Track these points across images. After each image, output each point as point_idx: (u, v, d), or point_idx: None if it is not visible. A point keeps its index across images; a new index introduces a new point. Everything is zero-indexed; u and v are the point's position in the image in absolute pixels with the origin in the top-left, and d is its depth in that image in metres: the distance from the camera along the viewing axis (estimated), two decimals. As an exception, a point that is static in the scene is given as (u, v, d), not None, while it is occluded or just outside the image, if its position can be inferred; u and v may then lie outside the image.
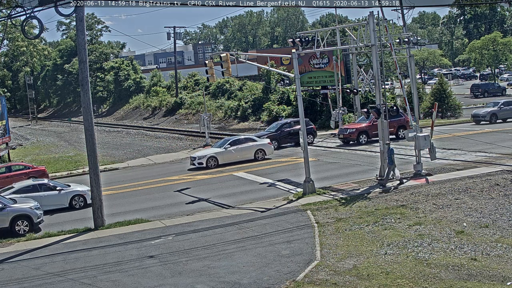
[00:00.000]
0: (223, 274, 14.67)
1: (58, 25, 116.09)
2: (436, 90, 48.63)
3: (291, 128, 37.69)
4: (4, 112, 40.51)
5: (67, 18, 50.60)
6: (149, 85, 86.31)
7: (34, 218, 20.84)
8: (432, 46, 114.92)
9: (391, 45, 25.51)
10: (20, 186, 24.05)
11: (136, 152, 42.89)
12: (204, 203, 23.41)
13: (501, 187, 21.11)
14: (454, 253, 14.94)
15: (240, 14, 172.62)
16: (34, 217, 20.83)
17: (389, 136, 24.58)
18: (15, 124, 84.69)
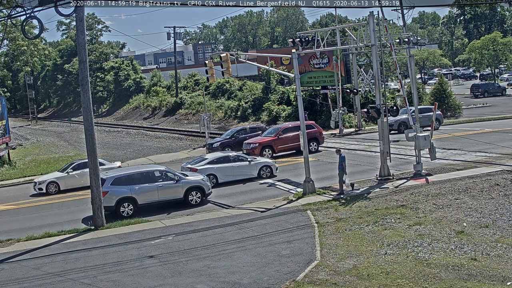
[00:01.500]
0: (223, 274, 14.67)
1: (58, 25, 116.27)
2: (436, 90, 48.63)
3: (247, 134, 36.01)
4: (4, 112, 40.52)
5: (67, 18, 50.62)
6: (149, 85, 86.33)
7: (206, 189, 23.37)
8: (432, 46, 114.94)
9: (391, 45, 25.51)
10: (213, 157, 27.12)
11: (136, 152, 42.91)
12: (204, 203, 23.40)
13: (501, 187, 21.12)
14: (454, 253, 14.94)
15: (240, 14, 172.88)
16: (206, 188, 23.36)
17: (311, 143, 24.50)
18: (15, 124, 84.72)
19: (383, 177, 24.13)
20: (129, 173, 23.06)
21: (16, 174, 35.27)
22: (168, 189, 22.78)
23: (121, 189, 22.12)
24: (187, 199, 22.94)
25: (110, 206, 21.85)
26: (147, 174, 23.07)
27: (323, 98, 45.92)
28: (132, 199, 22.18)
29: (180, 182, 22.90)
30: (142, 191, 22.38)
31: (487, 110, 52.26)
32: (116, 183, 22.21)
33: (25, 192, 29.49)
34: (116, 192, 22.00)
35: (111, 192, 21.88)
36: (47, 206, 25.53)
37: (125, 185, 22.26)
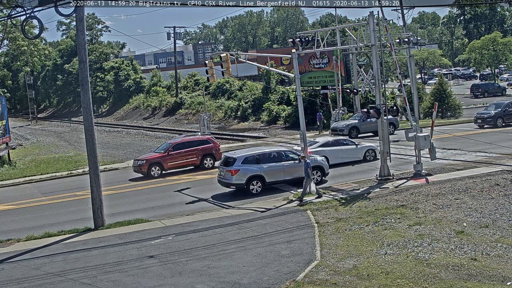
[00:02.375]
0: (223, 274, 14.67)
1: (58, 25, 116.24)
2: (436, 90, 48.64)
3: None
4: (4, 112, 40.52)
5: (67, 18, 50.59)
6: (149, 85, 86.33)
7: (326, 169, 25.18)
8: (432, 46, 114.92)
9: (391, 45, 25.53)
10: (324, 141, 29.11)
11: (136, 152, 42.86)
12: (204, 203, 23.41)
13: (501, 187, 21.12)
14: (454, 253, 14.94)
15: (240, 14, 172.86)
16: (325, 168, 25.17)
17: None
18: (15, 124, 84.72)
19: (383, 177, 24.13)
20: (257, 153, 24.37)
21: (16, 174, 35.26)
22: (292, 168, 24.07)
23: (251, 167, 23.69)
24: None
25: (241, 184, 23.65)
26: (273, 154, 24.43)
27: (323, 98, 45.94)
28: (260, 177, 23.77)
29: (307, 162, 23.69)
30: (270, 170, 23.89)
31: (487, 110, 52.18)
32: (246, 162, 23.75)
33: (32, 192, 29.51)
34: (246, 170, 23.57)
35: (242, 170, 23.53)
36: (47, 206, 25.53)
37: (254, 164, 23.79)
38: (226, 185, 24.37)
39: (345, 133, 38.20)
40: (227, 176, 23.86)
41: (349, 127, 38.72)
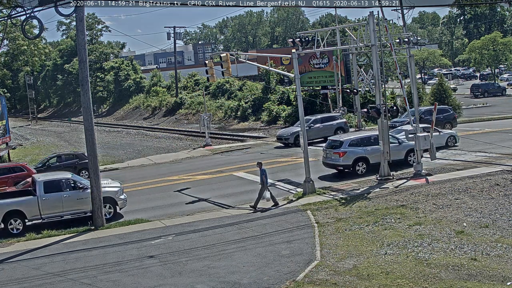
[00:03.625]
0: (223, 274, 14.67)
1: (58, 25, 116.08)
2: (436, 90, 48.62)
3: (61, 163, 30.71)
4: (4, 112, 40.51)
5: (67, 18, 50.61)
6: (149, 85, 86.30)
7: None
8: (432, 46, 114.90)
9: (391, 45, 25.52)
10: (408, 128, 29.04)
11: (136, 152, 42.90)
12: (204, 203, 23.41)
13: (501, 187, 21.12)
14: (454, 253, 14.94)
15: (240, 14, 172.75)
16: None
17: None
18: (15, 124, 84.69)
19: (383, 177, 24.13)
20: (361, 136, 25.92)
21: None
22: (393, 151, 25.00)
23: (357, 149, 25.32)
24: (406, 160, 26.21)
25: (348, 165, 25.22)
26: (373, 137, 25.71)
27: (323, 98, 45.90)
28: (365, 158, 25.33)
29: (402, 145, 25.82)
30: (373, 152, 25.21)
31: (487, 110, 52.27)
32: (351, 144, 25.33)
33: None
34: (353, 153, 25.24)
35: (349, 152, 25.10)
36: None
37: (359, 147, 25.36)
38: (332, 166, 26.15)
39: (290, 141, 36.57)
40: (334, 158, 25.53)
41: (295, 135, 36.15)
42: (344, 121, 38.84)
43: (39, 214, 21.08)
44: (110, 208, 22.00)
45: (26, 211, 20.85)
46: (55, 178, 22.02)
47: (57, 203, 21.21)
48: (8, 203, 20.83)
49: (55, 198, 21.22)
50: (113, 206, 22.14)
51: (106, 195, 21.63)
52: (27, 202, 21.00)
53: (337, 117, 38.66)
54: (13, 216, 20.74)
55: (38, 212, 21.04)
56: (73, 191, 21.59)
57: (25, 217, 20.87)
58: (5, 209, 20.66)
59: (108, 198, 21.85)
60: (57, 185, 21.55)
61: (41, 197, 21.08)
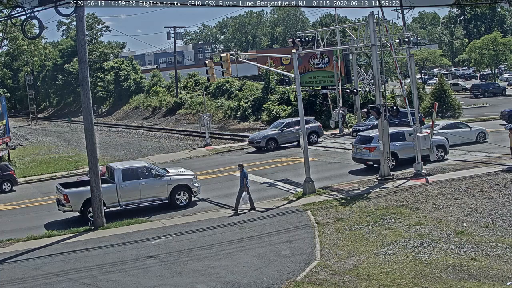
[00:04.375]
0: (223, 274, 14.67)
1: (58, 25, 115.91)
2: (436, 90, 48.62)
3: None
4: (4, 112, 40.51)
5: (67, 18, 50.65)
6: (149, 85, 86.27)
7: (447, 148, 27.62)
8: (432, 46, 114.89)
9: (391, 45, 25.52)
10: (444, 124, 31.97)
11: (136, 152, 42.90)
12: (204, 203, 23.41)
13: (501, 187, 21.12)
14: (454, 253, 14.94)
15: (240, 14, 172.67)
16: (447, 147, 27.61)
17: None
18: (15, 124, 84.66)
19: (383, 177, 24.13)
20: (390, 132, 25.48)
21: (16, 174, 35.21)
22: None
23: None
24: (433, 156, 25.99)
25: (378, 160, 25.14)
26: (401, 134, 26.46)
27: (323, 98, 45.91)
28: (394, 154, 25.67)
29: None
30: (402, 148, 26.05)
31: (487, 110, 52.25)
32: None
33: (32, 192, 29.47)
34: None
35: (378, 147, 25.16)
36: (47, 206, 25.51)
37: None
38: (362, 161, 26.92)
39: (261, 145, 35.92)
40: (364, 153, 26.22)
41: (266, 139, 36.07)
42: (318, 124, 37.99)
43: (117, 202, 21.80)
44: (185, 195, 22.98)
45: (105, 198, 21.29)
46: (132, 166, 23.07)
47: (135, 190, 22.02)
48: (87, 190, 21.12)
49: (133, 185, 22.04)
50: (189, 193, 23.07)
51: (182, 183, 22.83)
52: (106, 190, 21.45)
53: (310, 121, 37.76)
54: None
55: (117, 199, 21.76)
56: (150, 179, 22.47)
57: (104, 205, 21.25)
58: (85, 196, 21.19)
59: (184, 185, 22.94)
60: (134, 173, 22.42)
61: (120, 184, 21.85)
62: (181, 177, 23.12)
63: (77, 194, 21.46)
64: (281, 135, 36.54)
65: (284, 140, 36.62)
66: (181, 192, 22.81)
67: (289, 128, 36.80)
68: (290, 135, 36.55)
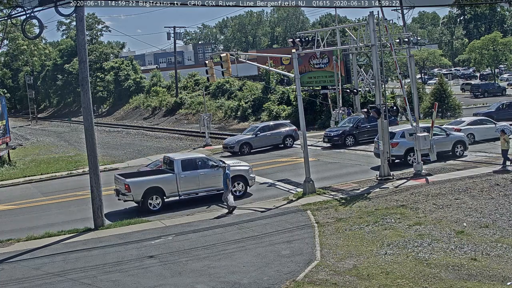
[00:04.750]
0: (223, 274, 14.67)
1: (58, 25, 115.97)
2: (436, 90, 48.61)
3: None
4: (4, 112, 40.51)
5: (67, 18, 50.61)
6: (149, 85, 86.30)
7: (467, 143, 28.09)
8: (432, 46, 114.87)
9: (391, 45, 25.51)
10: (470, 120, 32.69)
11: (136, 152, 42.89)
12: (204, 203, 23.40)
13: (501, 187, 21.12)
14: (454, 253, 14.95)
15: (240, 14, 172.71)
16: (467, 143, 28.12)
17: None
18: (15, 124, 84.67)
19: (383, 177, 24.13)
20: (409, 128, 26.24)
21: (16, 174, 35.26)
22: (441, 143, 26.76)
23: (408, 141, 25.82)
24: (453, 152, 27.48)
25: (400, 155, 26.47)
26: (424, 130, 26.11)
27: (323, 98, 45.91)
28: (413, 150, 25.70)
29: (449, 137, 27.55)
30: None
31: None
32: (403, 136, 26.34)
33: (29, 192, 29.47)
34: (405, 143, 26.29)
35: (401, 143, 26.28)
36: (47, 206, 25.54)
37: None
38: None
39: (235, 150, 35.25)
40: None
41: (240, 143, 35.48)
42: (294, 128, 36.87)
43: (177, 191, 22.45)
44: (242, 186, 23.68)
45: (165, 188, 22.26)
46: (191, 157, 23.80)
47: (193, 180, 22.73)
48: (148, 180, 22.36)
49: (192, 175, 22.73)
50: (245, 184, 23.74)
51: (238, 174, 23.48)
52: (166, 179, 22.48)
53: (286, 125, 37.41)
54: (153, 193, 22.16)
55: (176, 189, 22.41)
56: (208, 169, 23.10)
57: (163, 194, 22.23)
58: (146, 186, 22.08)
59: (240, 176, 23.62)
60: (193, 163, 23.11)
61: (179, 174, 22.49)
62: (238, 168, 23.79)
63: (138, 184, 22.19)
64: (256, 140, 35.71)
65: (259, 145, 35.83)
66: (237, 183, 23.45)
67: (263, 133, 36.21)
68: (265, 139, 35.91)
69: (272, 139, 36.24)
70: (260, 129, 36.87)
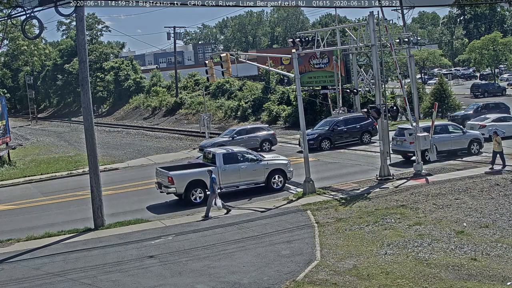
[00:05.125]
0: (223, 274, 14.67)
1: (58, 25, 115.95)
2: (436, 90, 48.59)
3: None
4: (4, 112, 40.51)
5: (67, 18, 50.62)
6: (149, 85, 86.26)
7: (482, 141, 28.66)
8: (432, 46, 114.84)
9: (391, 45, 25.51)
10: (495, 116, 33.33)
11: (136, 152, 42.87)
12: (204, 203, 23.38)
13: (501, 187, 21.12)
14: (454, 253, 14.95)
15: (240, 14, 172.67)
16: (481, 140, 28.66)
17: None
18: (15, 124, 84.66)
19: (383, 177, 24.13)
20: (429, 125, 26.76)
21: (16, 174, 35.26)
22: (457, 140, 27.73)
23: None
24: (469, 149, 28.21)
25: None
26: (440, 127, 28.12)
27: (323, 98, 45.90)
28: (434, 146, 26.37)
29: (465, 135, 28.32)
30: (441, 140, 27.17)
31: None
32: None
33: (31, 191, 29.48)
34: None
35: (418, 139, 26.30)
36: (47, 206, 25.54)
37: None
38: (402, 153, 27.68)
39: None
40: (405, 145, 26.87)
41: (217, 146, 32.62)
42: (272, 132, 36.70)
43: (218, 184, 22.43)
44: (280, 178, 24.26)
45: (207, 181, 22.12)
46: (232, 151, 24.31)
47: (235, 173, 23.38)
48: (191, 173, 22.99)
49: (233, 168, 23.39)
50: (284, 177, 24.33)
51: (277, 167, 24.24)
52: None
53: (264, 129, 36.77)
54: (195, 186, 22.77)
55: (218, 182, 22.43)
56: (249, 163, 23.78)
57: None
58: (189, 179, 22.70)
59: (279, 170, 24.30)
60: (234, 157, 23.75)
61: (221, 167, 23.14)
62: (277, 162, 24.54)
63: (181, 176, 22.73)
64: (232, 143, 34.52)
65: None
66: (276, 176, 24.10)
67: (240, 136, 35.74)
68: (241, 143, 34.83)
69: (249, 143, 35.14)
70: (237, 132, 36.37)
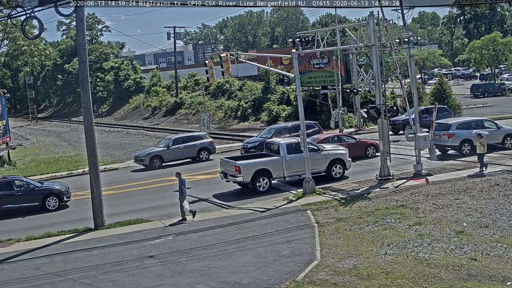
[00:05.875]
0: (223, 274, 14.67)
1: (58, 25, 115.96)
2: (436, 90, 48.59)
3: None
4: (4, 112, 40.52)
5: (67, 18, 50.61)
6: (149, 85, 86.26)
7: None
8: (432, 46, 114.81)
9: (391, 45, 25.52)
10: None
11: (136, 152, 42.84)
12: (204, 203, 23.41)
13: (501, 187, 21.12)
14: (454, 253, 14.94)
15: (240, 14, 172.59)
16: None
17: None
18: (15, 124, 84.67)
19: (383, 177, 24.13)
20: (466, 120, 28.74)
21: (16, 174, 35.21)
22: (492, 135, 27.89)
23: (463, 132, 27.80)
24: (503, 144, 28.51)
25: (455, 146, 27.97)
26: (476, 123, 28.69)
27: (323, 98, 45.92)
28: (470, 141, 27.44)
29: (500, 130, 28.90)
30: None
31: (487, 110, 52.22)
32: (459, 128, 27.94)
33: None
34: (460, 134, 27.87)
35: (457, 134, 27.76)
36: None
37: (465, 130, 27.91)
38: (441, 147, 28.13)
39: (145, 163, 33.30)
40: (443, 139, 27.82)
41: (151, 156, 33.51)
42: (209, 140, 35.76)
43: (282, 174, 23.90)
44: (340, 168, 25.23)
45: (272, 170, 23.78)
46: (295, 141, 24.82)
47: (298, 163, 23.84)
48: (256, 162, 24.00)
49: (296, 158, 23.94)
50: (343, 167, 25.25)
51: (337, 157, 25.14)
52: (273, 162, 24.01)
53: (201, 137, 35.82)
54: (261, 175, 23.69)
55: (282, 171, 23.88)
56: (311, 153, 24.15)
57: (270, 176, 23.80)
58: (255, 168, 23.66)
59: (339, 159, 25.20)
60: (297, 147, 24.14)
61: (285, 157, 23.97)
62: (337, 152, 25.40)
63: (248, 166, 23.72)
64: (167, 153, 33.85)
65: (171, 158, 33.88)
66: (337, 165, 24.99)
67: (176, 145, 34.42)
68: (177, 152, 34.20)
69: (185, 152, 34.38)
70: (174, 141, 35.00)
